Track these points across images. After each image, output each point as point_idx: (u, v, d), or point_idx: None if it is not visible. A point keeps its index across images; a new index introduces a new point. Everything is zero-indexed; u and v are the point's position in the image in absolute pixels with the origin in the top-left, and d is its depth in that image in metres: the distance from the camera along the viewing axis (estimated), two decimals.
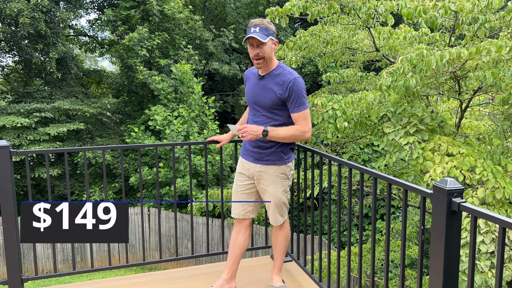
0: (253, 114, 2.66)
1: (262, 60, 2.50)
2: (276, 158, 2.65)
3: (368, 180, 5.89)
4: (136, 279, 3.12)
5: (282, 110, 2.56)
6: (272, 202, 2.71)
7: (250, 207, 2.82)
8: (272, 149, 2.63)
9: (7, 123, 12.44)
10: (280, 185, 2.69)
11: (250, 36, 2.43)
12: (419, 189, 1.84)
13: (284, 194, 2.72)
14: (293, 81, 2.48)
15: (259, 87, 2.59)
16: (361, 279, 2.39)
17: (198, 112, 13.59)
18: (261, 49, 2.47)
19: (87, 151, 3.06)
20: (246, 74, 2.79)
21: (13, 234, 2.70)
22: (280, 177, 2.68)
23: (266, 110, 2.58)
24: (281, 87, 2.50)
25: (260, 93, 2.58)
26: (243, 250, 2.83)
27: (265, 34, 2.45)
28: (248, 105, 2.73)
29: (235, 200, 2.82)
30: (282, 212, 2.78)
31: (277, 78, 2.53)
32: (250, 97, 2.66)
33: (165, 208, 12.50)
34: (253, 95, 2.63)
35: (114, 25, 15.00)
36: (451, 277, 1.67)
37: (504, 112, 5.10)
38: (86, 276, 10.48)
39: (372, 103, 4.26)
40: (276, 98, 2.51)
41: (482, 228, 3.07)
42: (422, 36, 5.30)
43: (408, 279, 6.59)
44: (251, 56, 2.51)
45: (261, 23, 2.48)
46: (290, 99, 2.50)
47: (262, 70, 2.58)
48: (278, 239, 2.89)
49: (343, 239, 11.64)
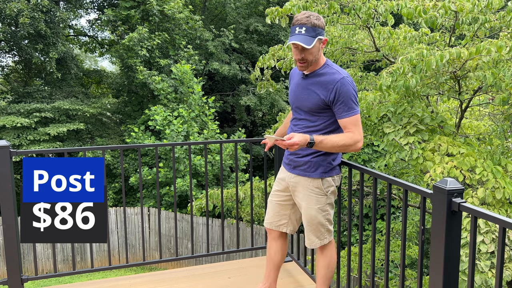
0: (294, 117, 2.37)
1: (307, 63, 2.21)
2: (312, 169, 2.32)
3: (368, 180, 5.89)
4: (136, 279, 3.12)
5: (326, 113, 2.24)
6: (305, 219, 2.38)
7: (285, 220, 2.51)
8: (308, 157, 2.31)
9: (7, 123, 12.44)
10: (314, 201, 2.32)
11: (293, 42, 2.13)
12: (419, 189, 1.84)
13: (320, 213, 2.34)
14: (340, 81, 2.15)
15: (301, 88, 2.30)
16: (361, 279, 2.39)
17: (198, 112, 13.58)
18: (307, 53, 2.17)
19: (87, 151, 3.05)
20: (291, 73, 2.49)
21: (13, 234, 2.70)
22: (315, 192, 2.32)
23: (308, 113, 2.28)
24: (325, 88, 2.19)
25: (302, 94, 2.29)
26: (276, 262, 2.61)
27: (312, 35, 2.13)
28: (291, 108, 2.45)
29: (269, 208, 2.55)
30: (319, 234, 2.39)
31: (321, 77, 2.22)
32: (292, 98, 2.37)
33: (165, 208, 12.49)
34: (295, 96, 2.33)
35: (114, 25, 15.00)
36: (451, 277, 1.67)
37: (504, 112, 5.10)
38: (86, 276, 10.48)
39: (372, 103, 4.26)
40: (320, 100, 2.20)
41: (482, 228, 3.07)
42: (422, 36, 5.30)
43: (408, 279, 6.59)
44: (294, 58, 2.21)
45: (307, 22, 2.12)
46: (337, 103, 2.17)
47: (307, 69, 2.29)
48: (318, 266, 2.49)
49: (343, 239, 11.63)
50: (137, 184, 12.79)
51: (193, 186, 12.96)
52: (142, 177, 10.67)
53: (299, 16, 2.17)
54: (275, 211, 2.53)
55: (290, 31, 2.19)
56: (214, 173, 12.97)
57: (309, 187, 2.33)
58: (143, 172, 12.42)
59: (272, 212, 2.54)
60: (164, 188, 12.52)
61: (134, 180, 12.72)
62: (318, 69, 2.26)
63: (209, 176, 12.98)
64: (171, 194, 12.43)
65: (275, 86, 6.07)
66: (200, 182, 13.19)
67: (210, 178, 13.18)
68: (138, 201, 13.64)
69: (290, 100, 2.41)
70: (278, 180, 2.52)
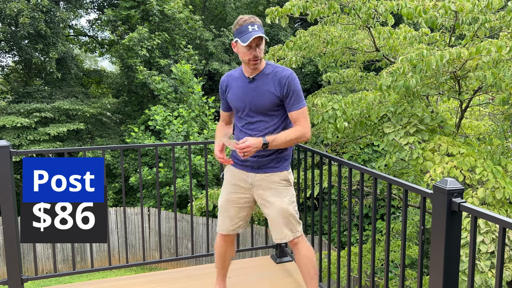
0: (247, 122, 2.39)
1: (258, 61, 2.30)
2: (278, 164, 2.41)
3: (368, 180, 5.89)
4: (136, 279, 3.12)
5: (280, 110, 2.36)
6: (277, 215, 2.40)
7: (241, 222, 2.54)
8: (272, 155, 2.39)
9: (7, 123, 12.44)
10: (284, 194, 2.41)
11: (259, 35, 2.19)
12: (419, 189, 1.84)
13: (290, 204, 2.41)
14: (290, 76, 2.30)
15: (251, 91, 2.34)
16: (361, 279, 2.39)
17: (198, 112, 13.58)
18: (259, 50, 2.26)
19: (87, 151, 3.06)
20: (226, 81, 2.47)
21: (13, 234, 2.70)
22: (283, 185, 2.41)
23: (262, 114, 2.35)
24: (279, 84, 2.30)
25: (254, 97, 2.34)
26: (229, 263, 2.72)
27: (263, 32, 2.24)
28: (236, 113, 2.45)
29: (224, 214, 2.54)
30: (291, 226, 2.41)
31: (270, 76, 2.33)
32: (242, 103, 2.38)
33: (165, 208, 12.49)
34: (246, 100, 2.36)
35: (114, 25, 15.00)
36: (451, 277, 1.67)
37: (504, 112, 5.10)
38: (86, 276, 10.48)
39: (372, 103, 4.26)
40: (275, 98, 2.31)
41: (482, 228, 3.07)
42: (422, 36, 5.30)
43: (408, 279, 6.59)
44: (247, 58, 2.27)
45: (256, 21, 2.24)
46: (289, 96, 2.31)
47: (250, 72, 2.36)
48: (300, 263, 2.49)
49: (343, 239, 11.63)
50: (137, 184, 12.79)
51: (193, 186, 12.95)
52: (142, 177, 10.67)
53: (245, 17, 2.25)
54: (232, 215, 2.52)
55: (239, 32, 2.23)
56: (214, 173, 12.96)
57: (277, 181, 2.40)
58: (143, 172, 12.42)
59: (229, 217, 2.53)
60: (164, 188, 12.52)
61: (134, 180, 12.72)
62: (264, 69, 2.36)
63: (209, 176, 12.98)
64: (171, 194, 12.43)
65: None
66: (200, 182, 13.19)
67: (210, 178, 13.18)
68: (138, 201, 13.64)
69: (238, 105, 2.40)
70: (235, 185, 2.49)
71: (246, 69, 2.37)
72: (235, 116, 2.50)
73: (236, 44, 2.27)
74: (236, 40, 2.25)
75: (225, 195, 2.54)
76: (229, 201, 2.52)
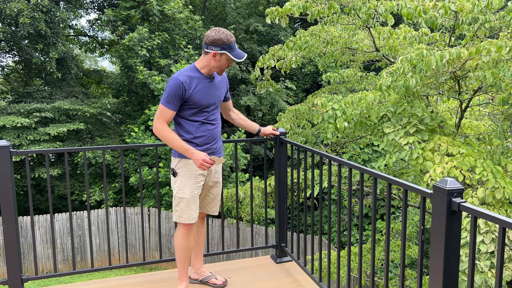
0: (212, 114, 2.77)
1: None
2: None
3: (368, 180, 5.90)
4: (136, 279, 3.12)
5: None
6: (218, 193, 2.99)
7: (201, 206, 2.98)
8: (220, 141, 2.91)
9: (7, 123, 12.44)
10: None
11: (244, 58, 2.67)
12: (419, 189, 1.84)
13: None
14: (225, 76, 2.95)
15: (215, 89, 2.76)
16: (361, 279, 2.39)
17: None
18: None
19: (87, 151, 3.06)
20: (187, 82, 2.61)
21: (13, 234, 2.70)
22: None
23: (219, 107, 2.87)
24: (225, 83, 2.89)
25: (217, 93, 2.79)
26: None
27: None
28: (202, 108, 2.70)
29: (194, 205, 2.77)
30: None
31: (219, 77, 2.81)
32: (210, 99, 2.73)
33: (165, 208, 12.50)
34: (215, 96, 2.77)
35: (114, 25, 14.99)
36: (451, 277, 1.67)
37: (504, 112, 5.10)
38: (86, 276, 10.48)
39: (372, 103, 4.26)
40: (225, 93, 2.91)
41: (482, 228, 3.07)
42: (422, 36, 5.30)
43: (408, 279, 6.59)
44: (224, 67, 2.68)
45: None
46: (227, 91, 2.96)
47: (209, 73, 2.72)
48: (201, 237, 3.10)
49: (343, 239, 11.64)
50: (137, 184, 12.79)
51: None
52: (142, 177, 10.66)
53: (229, 33, 2.62)
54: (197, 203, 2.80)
55: (230, 47, 2.60)
56: None
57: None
58: (143, 172, 12.43)
59: (195, 207, 2.77)
60: (164, 188, 12.53)
61: (134, 180, 12.72)
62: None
63: None
64: (171, 194, 12.42)
65: (275, 86, 6.08)
66: None
67: None
68: (138, 201, 13.65)
69: (209, 102, 2.72)
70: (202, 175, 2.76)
71: (207, 71, 2.68)
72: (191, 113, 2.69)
73: (220, 55, 2.60)
74: (224, 53, 2.58)
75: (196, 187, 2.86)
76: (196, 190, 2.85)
